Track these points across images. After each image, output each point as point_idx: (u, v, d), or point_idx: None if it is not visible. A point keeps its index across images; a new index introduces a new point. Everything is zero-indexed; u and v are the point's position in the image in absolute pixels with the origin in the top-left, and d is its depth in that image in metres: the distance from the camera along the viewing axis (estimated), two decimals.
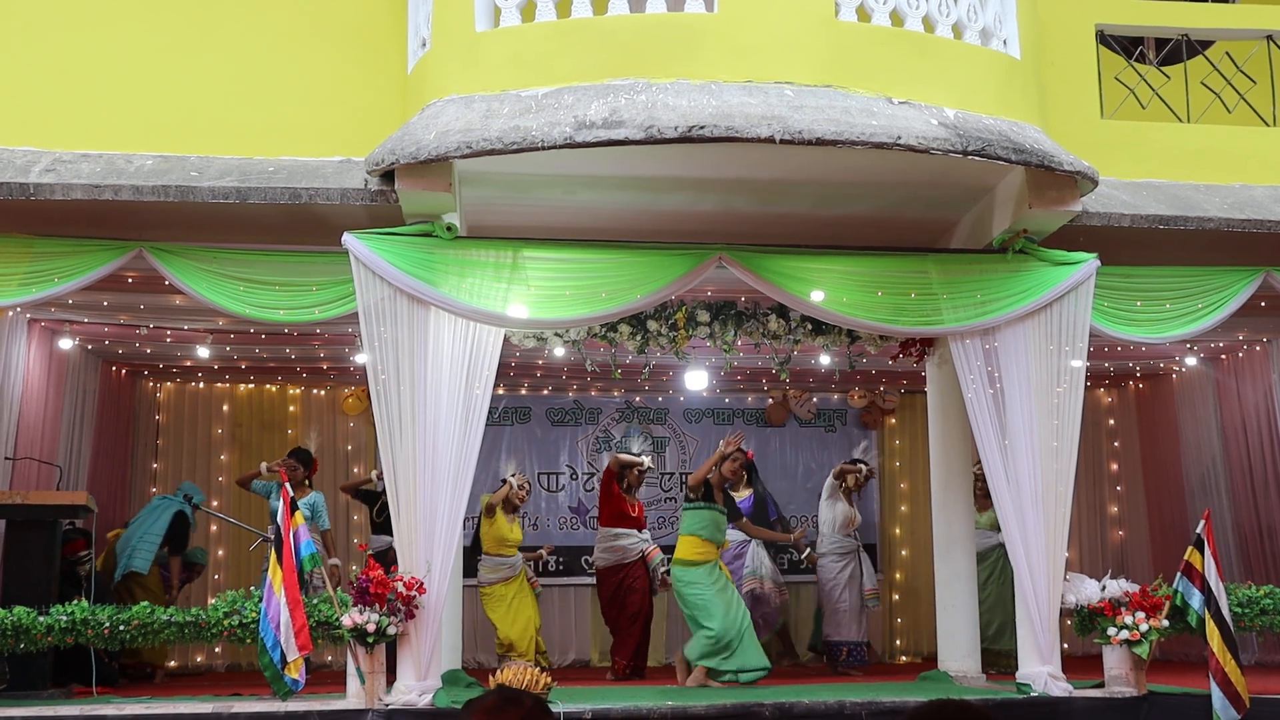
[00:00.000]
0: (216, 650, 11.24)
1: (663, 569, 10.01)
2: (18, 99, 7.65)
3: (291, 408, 12.14)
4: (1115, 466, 12.67)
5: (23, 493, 8.13)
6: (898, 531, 12.53)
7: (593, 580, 10.96)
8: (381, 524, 9.91)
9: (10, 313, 8.06)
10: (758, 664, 8.69)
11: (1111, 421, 12.73)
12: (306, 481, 9.89)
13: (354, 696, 6.98)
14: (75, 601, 7.25)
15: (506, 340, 7.74)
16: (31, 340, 9.19)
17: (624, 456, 10.27)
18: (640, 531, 10.11)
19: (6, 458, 8.73)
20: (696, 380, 10.55)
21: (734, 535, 9.94)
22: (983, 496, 9.14)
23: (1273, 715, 7.40)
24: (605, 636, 10.63)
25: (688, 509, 9.07)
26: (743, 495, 10.30)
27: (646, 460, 10.42)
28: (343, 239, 7.16)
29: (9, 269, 7.27)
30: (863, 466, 10.72)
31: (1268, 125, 8.56)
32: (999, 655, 9.90)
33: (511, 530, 10.03)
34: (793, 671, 10.56)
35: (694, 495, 9.02)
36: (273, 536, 7.15)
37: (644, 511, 10.38)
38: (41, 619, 7.10)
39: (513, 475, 10.42)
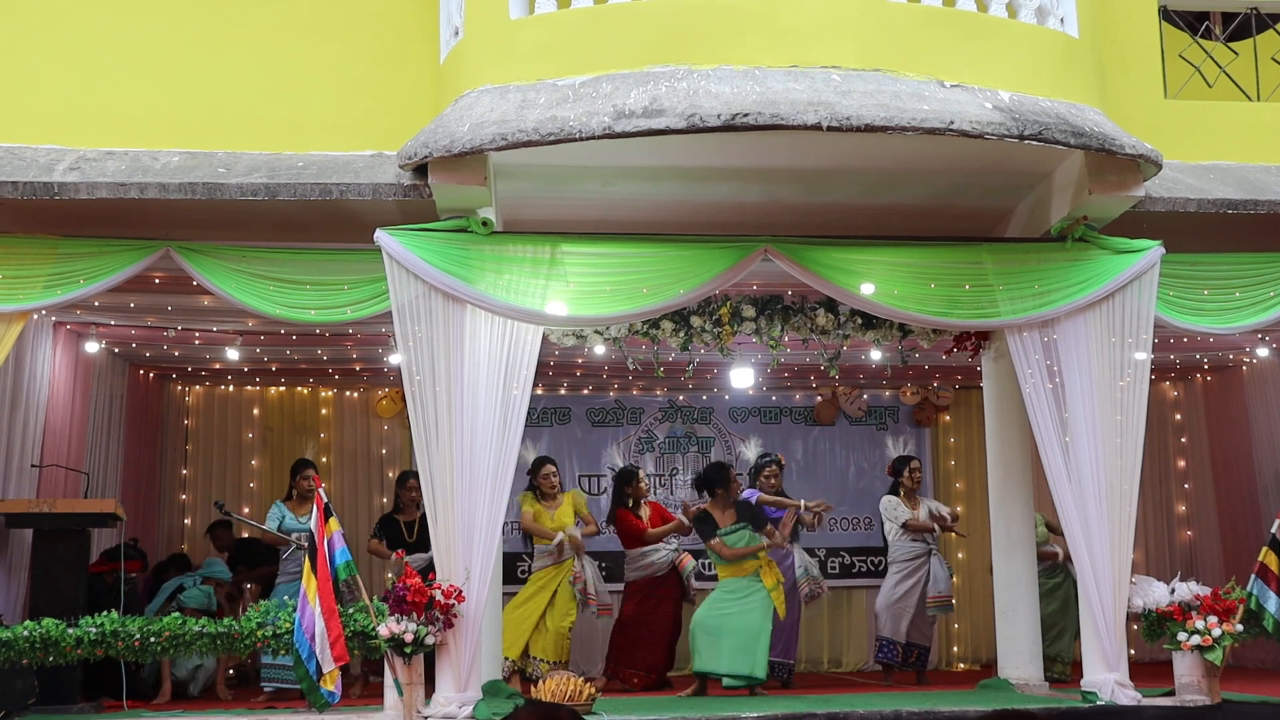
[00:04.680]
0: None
1: (694, 576, 9.97)
2: (41, 96, 7.59)
3: (324, 410, 12.07)
4: (1182, 463, 12.42)
5: (50, 501, 8.07)
6: (953, 534, 12.24)
7: None
8: (415, 543, 9.68)
9: (35, 316, 7.95)
10: (729, 669, 8.55)
11: (1178, 416, 12.49)
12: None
13: (391, 709, 6.86)
14: (106, 614, 7.10)
15: (545, 338, 7.62)
16: (57, 344, 9.12)
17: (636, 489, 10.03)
18: (665, 541, 9.87)
19: (33, 465, 8.68)
20: (742, 378, 10.33)
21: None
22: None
23: None
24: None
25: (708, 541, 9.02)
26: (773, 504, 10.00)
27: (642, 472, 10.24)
28: (375, 235, 7.06)
29: (33, 271, 7.19)
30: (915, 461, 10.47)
31: None
32: (1053, 660, 9.59)
33: (553, 520, 9.67)
34: (847, 679, 10.34)
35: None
36: (306, 545, 6.98)
37: (661, 518, 10.07)
38: (70, 631, 6.99)
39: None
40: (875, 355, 9.61)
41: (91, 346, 9.49)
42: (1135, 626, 7.66)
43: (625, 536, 9.92)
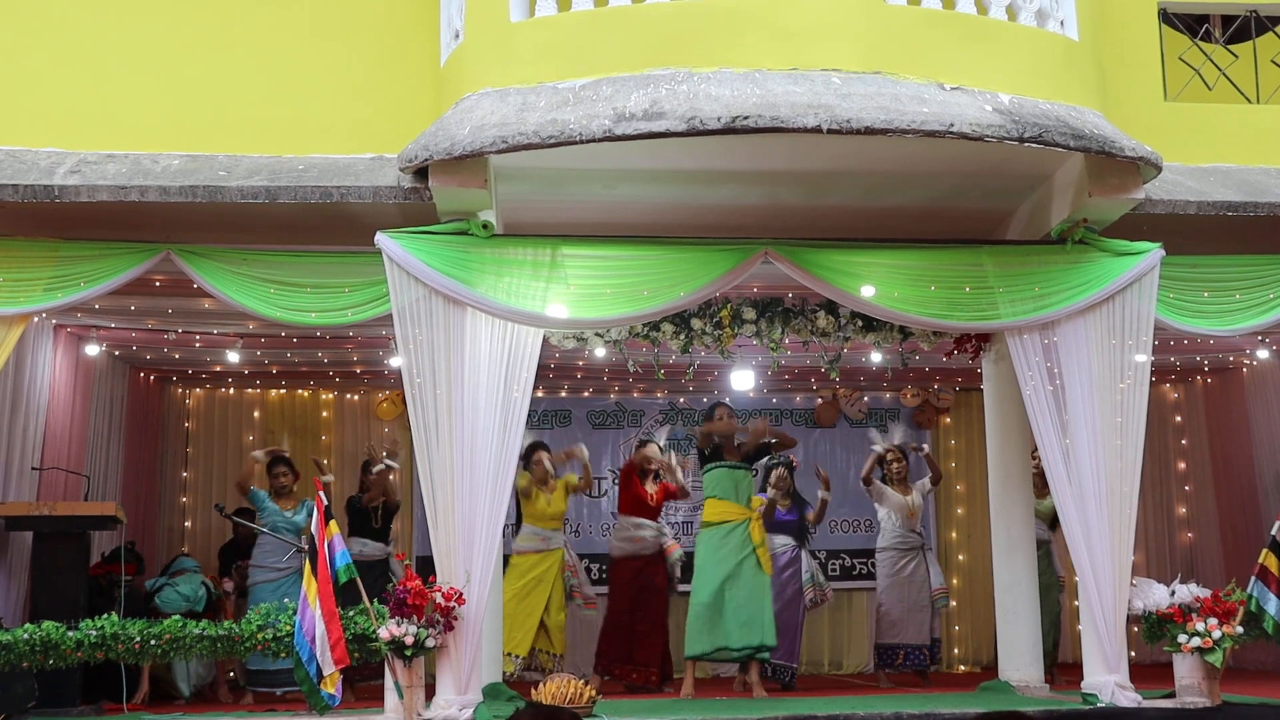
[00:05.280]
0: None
1: (679, 567, 9.94)
2: (41, 99, 7.57)
3: (325, 413, 12.06)
4: (1183, 465, 12.39)
5: (50, 504, 8.04)
6: (954, 535, 12.30)
7: None
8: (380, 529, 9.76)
9: (36, 319, 7.95)
10: (741, 643, 8.54)
11: (1178, 418, 12.46)
12: (292, 489, 9.54)
13: (392, 712, 6.85)
14: (105, 616, 7.09)
15: (545, 341, 7.62)
16: (58, 346, 9.12)
17: (648, 452, 9.97)
18: (656, 521, 9.83)
19: (34, 468, 8.66)
20: (743, 380, 10.33)
21: (782, 540, 9.67)
22: (1040, 483, 8.85)
23: None
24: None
25: (704, 472, 9.14)
26: (785, 505, 9.99)
27: (670, 458, 10.10)
28: (375, 238, 7.05)
29: (34, 273, 7.18)
30: (884, 449, 10.44)
31: None
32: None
33: (549, 504, 9.76)
34: (847, 681, 10.32)
35: (706, 455, 9.13)
36: (306, 547, 6.97)
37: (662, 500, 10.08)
38: (70, 634, 6.99)
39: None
40: (876, 357, 9.59)
41: (92, 349, 9.48)
42: (1135, 628, 7.62)
43: (625, 481, 9.88)
